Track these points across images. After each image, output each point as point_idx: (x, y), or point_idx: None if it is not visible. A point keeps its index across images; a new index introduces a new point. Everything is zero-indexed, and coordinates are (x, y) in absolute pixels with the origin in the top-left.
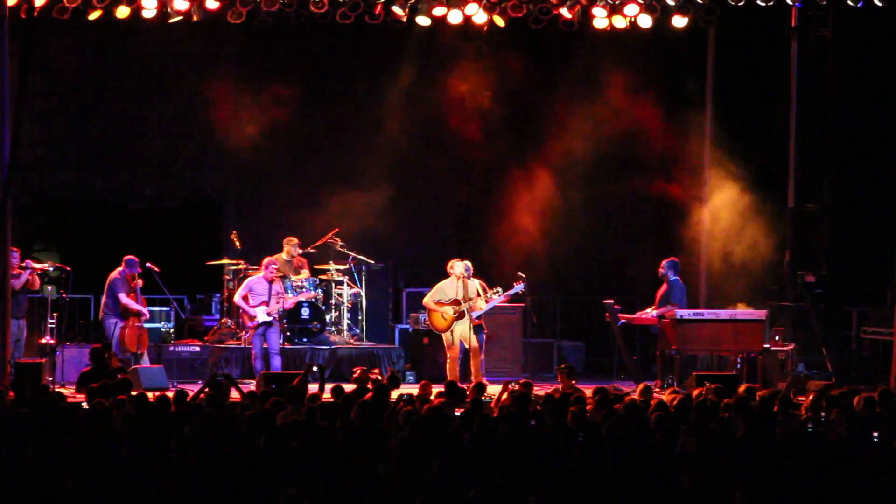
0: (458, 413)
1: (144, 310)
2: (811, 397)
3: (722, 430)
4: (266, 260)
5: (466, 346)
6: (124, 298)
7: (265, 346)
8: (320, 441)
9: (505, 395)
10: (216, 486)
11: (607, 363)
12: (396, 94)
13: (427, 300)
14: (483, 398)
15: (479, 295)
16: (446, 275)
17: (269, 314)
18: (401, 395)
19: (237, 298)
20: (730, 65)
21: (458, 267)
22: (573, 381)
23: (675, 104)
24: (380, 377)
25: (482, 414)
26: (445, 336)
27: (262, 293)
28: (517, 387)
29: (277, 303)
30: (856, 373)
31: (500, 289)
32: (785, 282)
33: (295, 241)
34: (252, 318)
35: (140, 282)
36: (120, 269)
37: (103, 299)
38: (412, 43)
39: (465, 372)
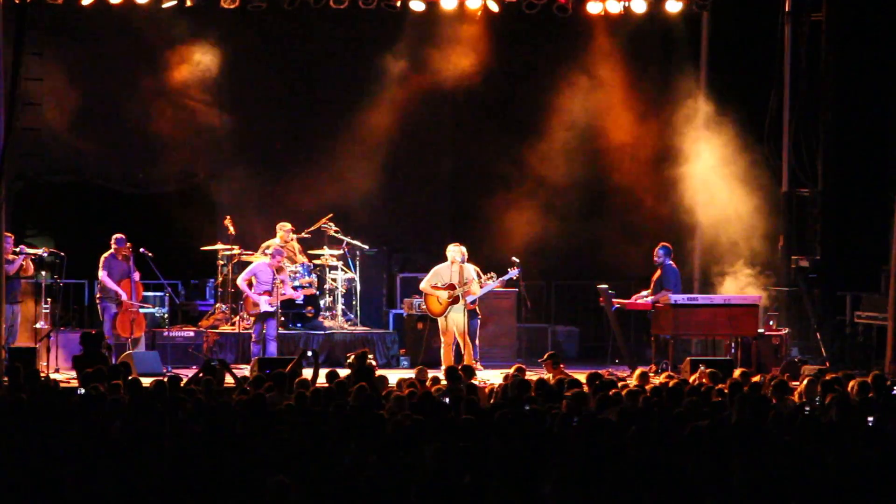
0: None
1: (123, 292)
2: (805, 382)
3: (717, 414)
4: (273, 249)
5: (458, 333)
6: (104, 277)
7: (263, 331)
8: (313, 426)
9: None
10: (208, 470)
11: (602, 348)
12: (390, 79)
13: (423, 285)
14: (474, 382)
15: (473, 280)
16: (440, 260)
17: (271, 304)
18: (395, 385)
19: (240, 282)
20: (724, 49)
21: (453, 251)
22: (561, 367)
23: (669, 89)
24: (374, 363)
25: (475, 398)
26: (440, 321)
27: (266, 282)
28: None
29: (282, 291)
30: (850, 357)
31: (494, 274)
32: (779, 266)
33: (288, 226)
34: (255, 304)
35: (137, 274)
36: (110, 250)
37: (97, 283)
38: (406, 27)
39: (459, 357)
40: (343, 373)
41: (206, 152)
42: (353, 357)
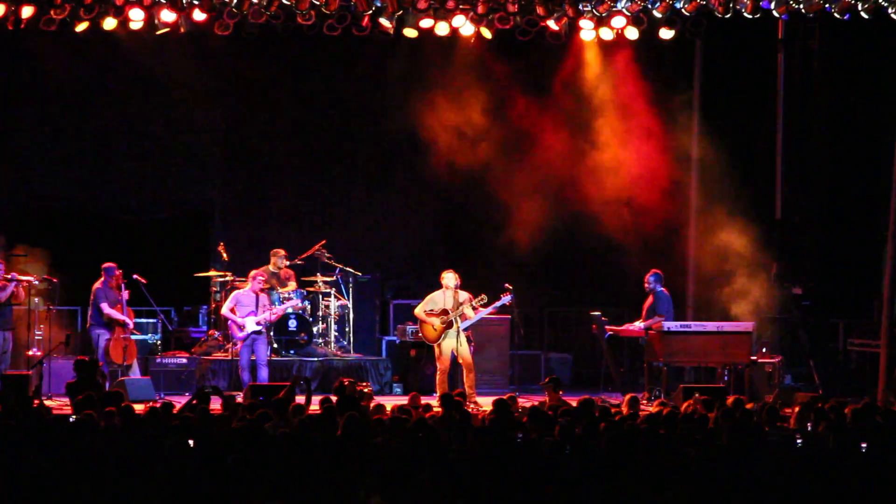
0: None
1: (128, 319)
2: (798, 410)
3: (710, 442)
4: (253, 272)
5: (457, 357)
6: (107, 308)
7: (253, 357)
8: (306, 453)
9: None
10: (202, 498)
11: (594, 375)
12: (383, 105)
13: (418, 311)
14: (467, 409)
15: (466, 303)
16: (433, 287)
17: (258, 323)
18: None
19: (224, 311)
20: (717, 77)
21: (447, 278)
22: (560, 394)
23: (662, 116)
24: (367, 389)
25: (468, 426)
26: (436, 347)
27: (250, 305)
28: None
29: (265, 313)
30: (843, 385)
31: (485, 296)
32: (772, 294)
33: (282, 252)
34: (241, 328)
35: (126, 293)
36: (101, 279)
37: (89, 311)
38: (399, 54)
39: (454, 385)
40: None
41: (199, 179)
42: (338, 383)
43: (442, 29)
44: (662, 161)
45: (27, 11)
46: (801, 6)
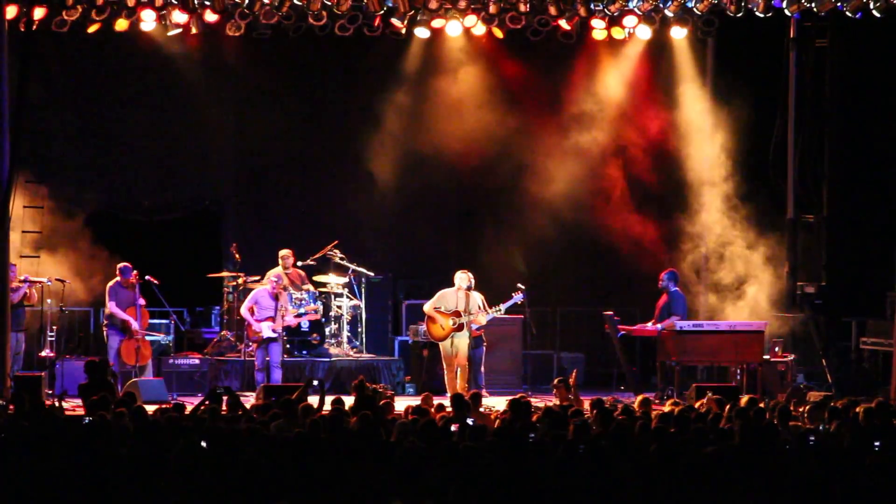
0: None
1: (132, 319)
2: (810, 408)
3: (723, 441)
4: (272, 274)
5: (462, 359)
6: (113, 307)
7: (267, 358)
8: (318, 453)
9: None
10: (214, 498)
11: (607, 374)
12: (395, 105)
13: (427, 307)
14: (480, 409)
15: (479, 309)
16: (446, 286)
17: (274, 330)
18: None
19: (243, 310)
20: (728, 76)
21: (460, 278)
22: (569, 393)
23: (674, 114)
24: (385, 389)
25: (480, 427)
26: (443, 346)
27: (268, 307)
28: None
29: (283, 318)
30: (855, 384)
31: (501, 307)
32: (784, 293)
33: (288, 253)
34: (257, 332)
35: (143, 301)
36: (116, 279)
37: (103, 311)
38: (411, 54)
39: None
40: (348, 400)
41: (211, 179)
42: (358, 382)
43: (453, 29)
44: (673, 160)
45: (39, 13)
46: (813, 5)
